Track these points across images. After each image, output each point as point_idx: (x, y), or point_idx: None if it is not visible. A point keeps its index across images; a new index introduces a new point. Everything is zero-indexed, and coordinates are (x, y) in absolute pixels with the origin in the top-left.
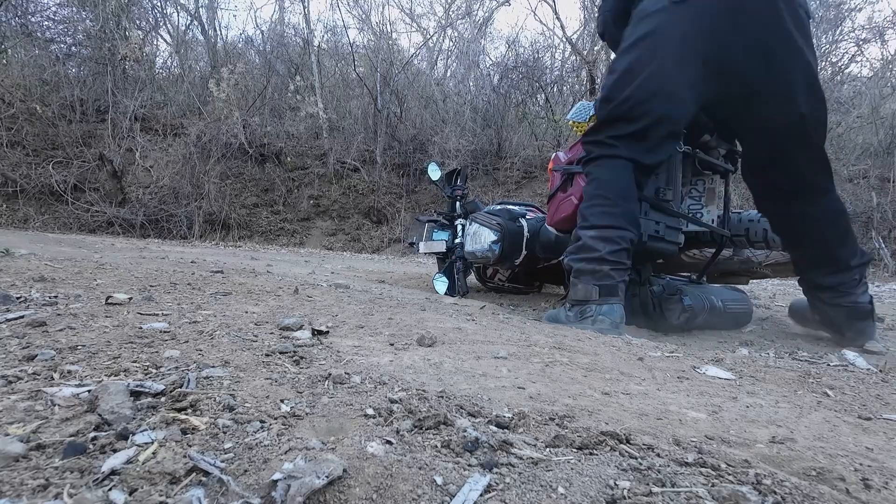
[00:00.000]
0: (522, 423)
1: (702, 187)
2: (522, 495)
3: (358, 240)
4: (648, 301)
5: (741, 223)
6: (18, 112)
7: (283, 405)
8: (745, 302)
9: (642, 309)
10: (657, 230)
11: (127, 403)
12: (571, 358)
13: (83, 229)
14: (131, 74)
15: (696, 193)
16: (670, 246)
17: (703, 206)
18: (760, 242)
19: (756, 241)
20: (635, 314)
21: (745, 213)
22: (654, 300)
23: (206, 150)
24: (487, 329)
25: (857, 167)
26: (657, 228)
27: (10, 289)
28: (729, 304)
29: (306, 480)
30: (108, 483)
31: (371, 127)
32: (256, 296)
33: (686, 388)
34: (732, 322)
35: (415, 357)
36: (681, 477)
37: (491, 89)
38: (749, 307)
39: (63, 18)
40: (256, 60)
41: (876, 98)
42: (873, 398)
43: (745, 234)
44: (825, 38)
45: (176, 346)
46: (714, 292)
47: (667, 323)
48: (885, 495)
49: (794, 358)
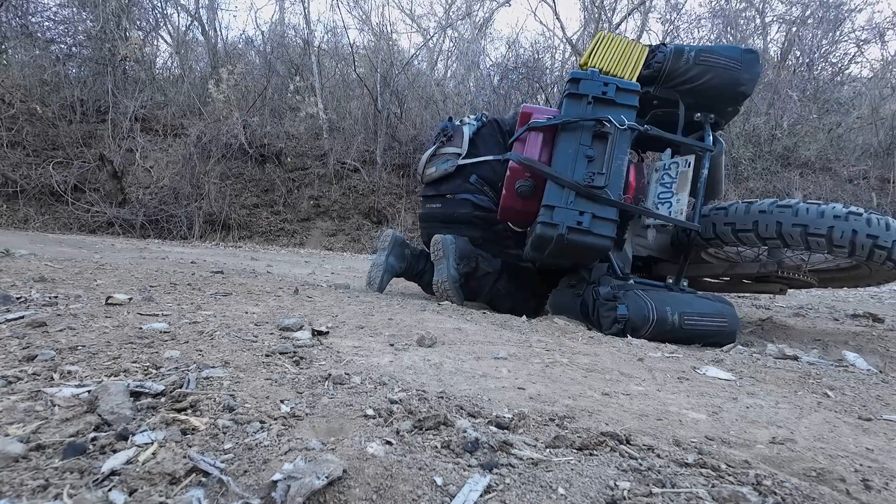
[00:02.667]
0: (522, 423)
1: (674, 171)
2: (522, 496)
3: (358, 240)
4: (590, 303)
5: (748, 214)
6: (19, 112)
7: (283, 406)
8: (722, 320)
9: (583, 311)
10: (579, 221)
11: (127, 404)
12: (571, 359)
13: (83, 230)
14: (131, 75)
15: (668, 179)
16: (599, 240)
17: (673, 194)
18: (774, 239)
19: (768, 237)
20: (578, 316)
21: (757, 203)
22: (594, 303)
23: (207, 151)
24: (487, 330)
25: (857, 168)
26: (580, 220)
27: (10, 289)
28: (691, 321)
29: (306, 481)
30: (107, 483)
31: (371, 127)
32: (256, 296)
33: (686, 389)
34: (696, 340)
35: (415, 357)
36: (681, 478)
37: (491, 90)
38: (727, 327)
39: (63, 19)
40: (256, 61)
41: (876, 99)
42: (873, 399)
43: (754, 229)
44: (825, 38)
45: (176, 346)
46: (678, 304)
47: (601, 330)
48: (885, 496)
49: (794, 358)
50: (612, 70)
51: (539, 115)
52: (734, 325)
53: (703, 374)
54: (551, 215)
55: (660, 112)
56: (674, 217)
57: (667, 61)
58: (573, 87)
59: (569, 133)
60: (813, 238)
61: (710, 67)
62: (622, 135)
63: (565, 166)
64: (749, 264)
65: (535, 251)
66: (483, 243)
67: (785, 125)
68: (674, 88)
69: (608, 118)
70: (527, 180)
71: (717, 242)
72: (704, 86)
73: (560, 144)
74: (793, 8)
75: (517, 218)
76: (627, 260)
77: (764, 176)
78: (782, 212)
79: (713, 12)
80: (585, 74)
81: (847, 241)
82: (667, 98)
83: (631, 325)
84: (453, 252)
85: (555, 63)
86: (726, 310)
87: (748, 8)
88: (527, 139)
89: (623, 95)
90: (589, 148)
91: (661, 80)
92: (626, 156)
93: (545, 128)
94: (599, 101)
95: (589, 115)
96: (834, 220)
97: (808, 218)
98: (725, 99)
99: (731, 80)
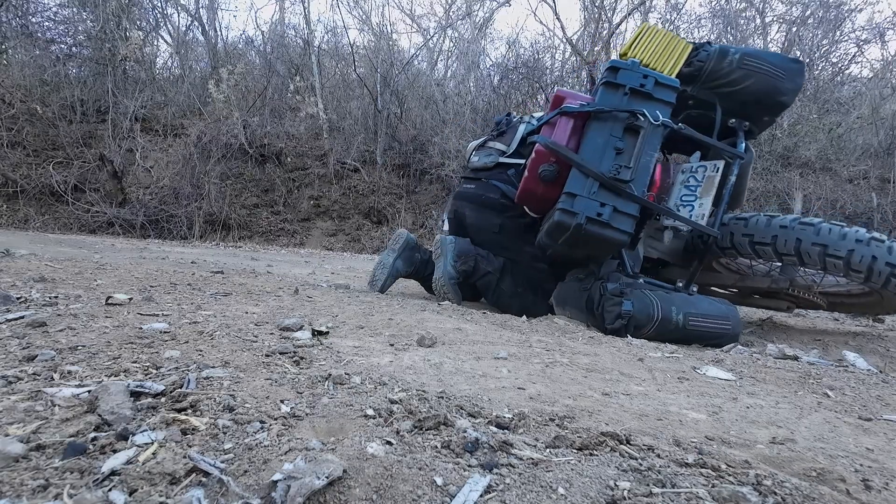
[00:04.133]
0: (522, 423)
1: (701, 175)
2: (522, 496)
3: (358, 240)
4: (596, 298)
5: (769, 228)
6: (19, 112)
7: (283, 406)
8: (726, 322)
9: (587, 306)
10: (600, 213)
11: (127, 404)
12: (572, 359)
13: (83, 230)
14: (132, 75)
15: (693, 182)
16: (616, 234)
17: (697, 198)
18: (791, 256)
19: (785, 253)
20: (582, 311)
21: (780, 217)
22: (600, 298)
23: (207, 151)
24: (487, 330)
25: (858, 168)
26: (600, 211)
27: (10, 289)
28: (695, 322)
29: (306, 481)
30: (108, 483)
31: (371, 127)
32: (256, 296)
33: (686, 389)
34: (697, 341)
35: (415, 357)
36: (681, 478)
37: (491, 90)
38: (731, 331)
39: (63, 19)
40: (257, 61)
41: (876, 99)
42: (874, 399)
43: (772, 243)
44: (825, 38)
45: (176, 346)
46: (683, 304)
47: (603, 325)
48: (885, 496)
49: (795, 358)
50: (652, 63)
51: (572, 100)
52: (737, 328)
53: (703, 374)
54: (572, 203)
55: (694, 113)
56: (694, 221)
57: (710, 61)
58: (611, 75)
59: (600, 122)
60: (831, 259)
61: (752, 72)
62: (654, 130)
63: (593, 155)
64: (760, 278)
65: (550, 238)
66: (501, 232)
67: (785, 125)
68: (713, 90)
69: (643, 112)
70: (551, 165)
71: (733, 252)
72: (744, 91)
73: (590, 133)
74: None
75: (536, 202)
76: (639, 259)
77: (764, 176)
78: (804, 229)
79: (713, 12)
80: (625, 64)
81: (865, 267)
82: (703, 99)
83: (634, 322)
84: (451, 251)
85: (555, 63)
86: (731, 313)
87: (748, 8)
88: (557, 123)
89: (661, 90)
90: (619, 140)
91: (701, 80)
92: (656, 152)
93: (577, 114)
94: (636, 93)
95: (623, 107)
96: (855, 244)
97: (829, 238)
98: (763, 107)
99: (772, 88)
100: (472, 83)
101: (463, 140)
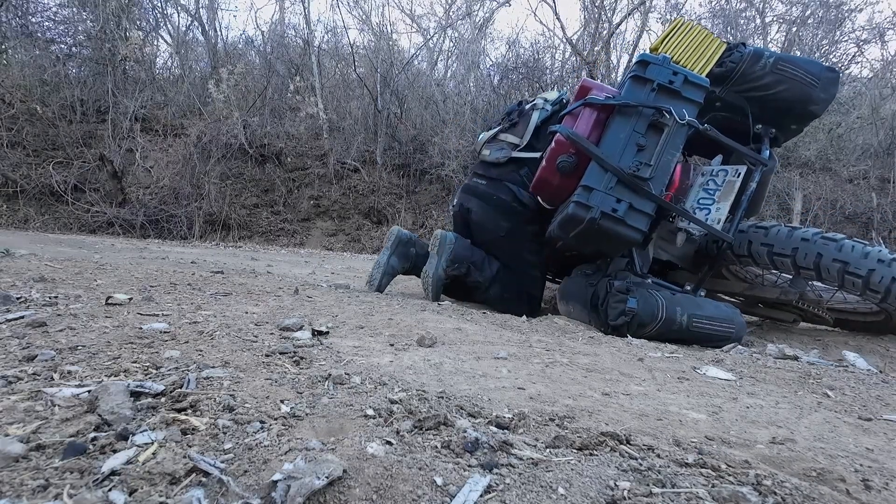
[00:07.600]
0: (522, 423)
1: (721, 179)
2: (522, 496)
3: (358, 240)
4: (601, 294)
5: (790, 239)
6: (19, 112)
7: (283, 406)
8: (730, 325)
9: (592, 301)
10: (615, 209)
11: (127, 404)
12: (572, 359)
13: (83, 230)
14: (132, 75)
15: (713, 186)
16: (631, 232)
17: (715, 202)
18: (809, 270)
19: (804, 266)
20: (586, 306)
21: (801, 230)
22: (605, 295)
23: (207, 151)
24: (487, 330)
25: (857, 168)
26: (616, 207)
27: (10, 289)
28: (699, 324)
29: (306, 481)
30: (108, 483)
31: (371, 127)
32: (256, 296)
33: (686, 389)
34: (703, 343)
35: (415, 357)
36: (681, 478)
37: (491, 90)
38: (734, 334)
39: (63, 19)
40: (256, 61)
41: (876, 99)
42: (874, 399)
43: (792, 255)
44: (825, 38)
45: (176, 346)
46: (688, 305)
47: (606, 321)
48: (885, 496)
49: (794, 358)
50: (683, 60)
51: (598, 92)
52: (741, 332)
53: (703, 374)
54: (588, 197)
55: (720, 116)
56: (710, 225)
57: (742, 62)
58: (640, 69)
59: (624, 116)
60: (850, 277)
61: (786, 78)
62: (679, 129)
63: (613, 150)
64: (769, 288)
65: (561, 231)
66: (507, 236)
67: None
68: (743, 93)
69: (669, 109)
70: (570, 156)
71: (748, 260)
72: (775, 96)
73: (612, 126)
74: (793, 8)
75: (550, 193)
76: (648, 260)
77: None
78: (826, 244)
79: (713, 12)
80: (656, 59)
81: (883, 287)
82: (732, 103)
83: (638, 319)
84: (448, 252)
85: (555, 63)
86: (735, 317)
87: (748, 8)
88: (580, 114)
89: (690, 89)
90: (642, 136)
91: (732, 82)
92: (678, 152)
93: (601, 106)
94: (664, 89)
95: (650, 103)
96: (877, 264)
97: (850, 256)
98: (793, 115)
99: (804, 96)
100: (472, 83)
101: (463, 140)
